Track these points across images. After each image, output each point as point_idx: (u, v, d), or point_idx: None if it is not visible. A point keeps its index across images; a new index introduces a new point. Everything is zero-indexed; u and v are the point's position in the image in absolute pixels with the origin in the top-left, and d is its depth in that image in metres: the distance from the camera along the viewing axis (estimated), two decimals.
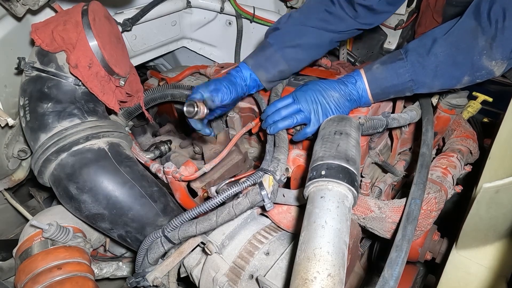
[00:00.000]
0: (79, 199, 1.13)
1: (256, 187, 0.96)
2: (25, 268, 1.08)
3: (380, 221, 1.01)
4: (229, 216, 0.96)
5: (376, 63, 1.07)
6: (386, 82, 1.04)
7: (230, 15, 2.13)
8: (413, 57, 0.99)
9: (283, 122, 1.09)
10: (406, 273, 1.18)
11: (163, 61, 2.47)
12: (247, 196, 0.96)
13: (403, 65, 1.00)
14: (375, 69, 1.06)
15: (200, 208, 0.96)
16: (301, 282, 0.63)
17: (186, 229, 0.98)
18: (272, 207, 0.96)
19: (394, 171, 1.26)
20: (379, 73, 1.05)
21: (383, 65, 1.04)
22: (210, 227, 0.97)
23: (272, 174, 0.97)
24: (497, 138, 0.96)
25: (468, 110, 1.65)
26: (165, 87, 1.51)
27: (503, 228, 0.85)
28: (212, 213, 0.97)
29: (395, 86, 1.04)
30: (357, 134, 0.93)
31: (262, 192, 0.94)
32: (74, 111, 1.19)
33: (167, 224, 1.00)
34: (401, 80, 1.01)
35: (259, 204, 0.97)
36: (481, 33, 0.89)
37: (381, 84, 1.05)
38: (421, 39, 1.00)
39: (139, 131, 1.84)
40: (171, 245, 1.04)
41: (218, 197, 0.94)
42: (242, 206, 0.95)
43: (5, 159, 1.44)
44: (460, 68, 0.95)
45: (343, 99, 1.07)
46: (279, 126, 1.09)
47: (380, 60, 1.07)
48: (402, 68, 1.00)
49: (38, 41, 1.13)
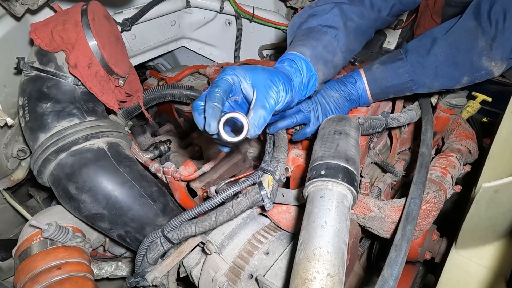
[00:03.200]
0: (78, 199, 1.13)
1: (256, 187, 0.95)
2: (25, 268, 1.08)
3: (380, 221, 1.01)
4: (229, 216, 0.96)
5: (376, 63, 1.06)
6: (386, 82, 1.04)
7: (229, 15, 2.13)
8: (412, 57, 0.99)
9: (282, 122, 1.07)
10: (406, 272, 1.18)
11: (162, 61, 2.47)
12: (246, 196, 0.95)
13: (403, 65, 1.00)
14: (375, 68, 1.05)
15: (199, 208, 0.95)
16: (301, 281, 0.63)
17: (185, 229, 0.98)
18: (272, 207, 0.96)
19: (393, 170, 1.26)
20: (378, 73, 1.04)
21: (383, 65, 1.04)
22: (209, 227, 0.97)
23: (271, 174, 0.97)
24: (496, 138, 0.96)
25: (467, 110, 1.65)
26: (165, 87, 1.51)
27: (502, 227, 0.85)
28: (211, 213, 0.97)
29: (394, 86, 1.03)
30: (356, 134, 0.93)
31: (262, 192, 0.94)
32: (74, 111, 1.19)
33: (166, 224, 1.00)
34: (400, 80, 1.01)
35: (258, 204, 0.97)
36: (481, 33, 0.89)
37: (380, 84, 1.05)
38: (421, 39, 1.00)
39: (139, 131, 1.84)
40: (171, 245, 1.03)
41: (218, 197, 0.94)
42: (241, 206, 0.95)
43: (4, 159, 1.44)
44: (459, 68, 0.95)
45: (342, 99, 1.07)
46: (278, 126, 1.08)
47: (380, 60, 1.07)
48: (402, 68, 1.00)
49: (37, 41, 1.13)
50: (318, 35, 0.93)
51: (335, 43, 0.94)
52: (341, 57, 0.96)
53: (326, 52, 0.92)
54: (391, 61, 1.02)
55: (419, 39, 1.01)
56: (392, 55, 1.04)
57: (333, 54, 0.94)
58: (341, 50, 0.95)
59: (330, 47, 0.93)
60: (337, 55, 0.95)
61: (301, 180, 1.09)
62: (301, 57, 0.87)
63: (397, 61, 1.01)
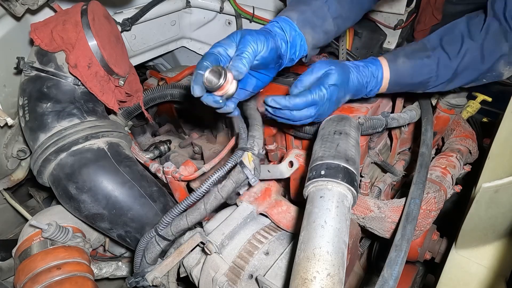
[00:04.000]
0: (78, 199, 1.13)
1: (238, 166, 0.97)
2: (25, 268, 1.08)
3: (380, 221, 1.01)
4: (217, 201, 0.97)
5: (401, 56, 0.97)
6: (408, 79, 0.98)
7: (229, 15, 2.13)
8: (440, 57, 0.93)
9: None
10: (406, 272, 1.18)
11: (162, 61, 2.47)
12: (230, 177, 0.97)
13: (429, 63, 0.94)
14: (401, 63, 0.96)
15: (187, 200, 0.97)
16: (301, 281, 0.63)
17: (177, 223, 1.00)
18: (257, 181, 0.98)
19: (393, 171, 1.26)
20: (405, 69, 0.96)
21: (409, 59, 0.96)
22: (200, 216, 0.98)
23: (250, 151, 0.98)
24: (496, 138, 0.96)
25: (467, 110, 1.65)
26: (165, 87, 1.51)
27: (502, 227, 0.85)
28: (199, 202, 0.99)
29: (414, 84, 0.99)
30: (356, 133, 0.93)
31: (244, 169, 0.95)
32: (74, 111, 1.19)
33: (158, 222, 1.01)
34: (422, 78, 0.96)
35: (244, 182, 0.99)
36: (505, 38, 0.88)
37: (403, 80, 0.98)
38: (450, 36, 0.94)
39: (139, 131, 1.84)
40: (167, 242, 1.04)
41: (203, 185, 0.95)
42: (227, 188, 0.97)
43: (4, 159, 1.44)
44: (479, 71, 0.93)
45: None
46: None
47: (405, 52, 0.97)
48: (427, 68, 0.95)
49: (37, 41, 1.13)
50: (309, 1, 0.98)
51: (325, 9, 0.98)
52: (332, 23, 1.00)
53: (315, 17, 0.96)
54: (419, 57, 0.95)
55: (447, 35, 0.95)
56: (419, 49, 0.97)
57: (322, 19, 0.98)
58: (332, 16, 0.99)
59: (320, 12, 0.97)
60: (327, 20, 0.98)
61: (301, 180, 1.09)
62: (284, 18, 0.95)
63: (424, 58, 0.95)
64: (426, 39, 0.98)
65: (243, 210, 1.07)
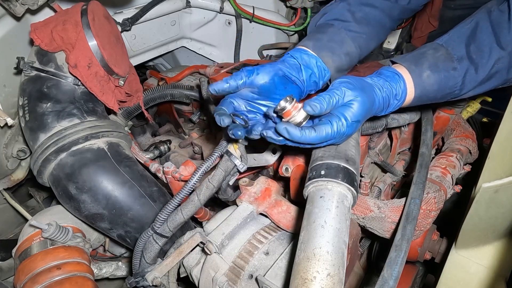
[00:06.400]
0: (78, 199, 1.13)
1: (225, 155, 1.00)
2: (25, 268, 1.08)
3: (380, 221, 1.01)
4: (209, 190, 0.99)
5: (426, 69, 0.85)
6: (433, 94, 0.87)
7: (229, 15, 2.13)
8: (468, 70, 0.84)
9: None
10: (406, 272, 1.18)
11: (162, 61, 2.47)
12: (219, 167, 1.00)
13: (455, 76, 0.85)
14: (426, 77, 0.85)
15: (180, 195, 0.99)
16: (301, 281, 0.63)
17: (173, 219, 1.01)
18: (246, 168, 1.02)
19: (393, 171, 1.26)
20: (430, 84, 0.86)
21: (434, 73, 0.85)
22: (195, 208, 1.00)
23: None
24: (496, 138, 0.96)
25: (467, 110, 1.65)
26: (165, 87, 1.51)
27: (502, 227, 0.85)
28: (192, 194, 1.01)
29: (436, 98, 0.89)
30: (356, 134, 0.93)
31: (231, 157, 0.99)
32: (74, 111, 1.19)
33: (154, 220, 1.02)
34: (446, 91, 0.87)
35: (233, 170, 1.02)
36: None
37: (427, 95, 0.88)
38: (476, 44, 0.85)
39: (139, 131, 1.84)
40: (165, 240, 1.05)
41: (192, 178, 0.98)
42: (217, 177, 0.99)
43: (4, 159, 1.44)
44: (502, 79, 0.87)
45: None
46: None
47: (430, 65, 0.85)
48: (453, 81, 0.85)
49: (37, 41, 1.13)
50: (324, 29, 0.99)
51: (343, 33, 0.98)
52: (352, 45, 0.98)
53: (332, 42, 0.96)
54: (444, 69, 0.84)
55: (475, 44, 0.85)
56: (443, 58, 0.85)
57: (341, 42, 0.97)
58: (351, 38, 0.98)
59: (337, 37, 0.97)
60: (346, 42, 0.98)
61: (301, 180, 1.09)
62: (297, 48, 0.95)
63: (450, 71, 0.84)
64: (450, 46, 0.87)
65: (243, 210, 1.06)
